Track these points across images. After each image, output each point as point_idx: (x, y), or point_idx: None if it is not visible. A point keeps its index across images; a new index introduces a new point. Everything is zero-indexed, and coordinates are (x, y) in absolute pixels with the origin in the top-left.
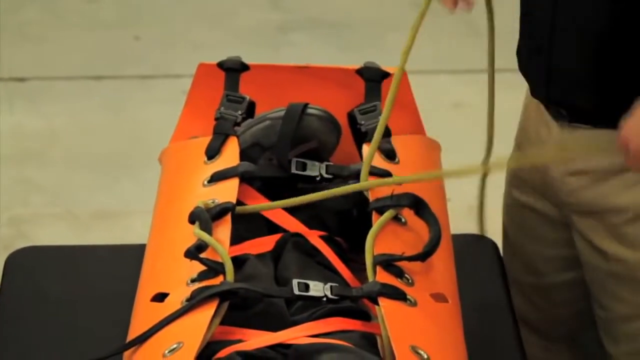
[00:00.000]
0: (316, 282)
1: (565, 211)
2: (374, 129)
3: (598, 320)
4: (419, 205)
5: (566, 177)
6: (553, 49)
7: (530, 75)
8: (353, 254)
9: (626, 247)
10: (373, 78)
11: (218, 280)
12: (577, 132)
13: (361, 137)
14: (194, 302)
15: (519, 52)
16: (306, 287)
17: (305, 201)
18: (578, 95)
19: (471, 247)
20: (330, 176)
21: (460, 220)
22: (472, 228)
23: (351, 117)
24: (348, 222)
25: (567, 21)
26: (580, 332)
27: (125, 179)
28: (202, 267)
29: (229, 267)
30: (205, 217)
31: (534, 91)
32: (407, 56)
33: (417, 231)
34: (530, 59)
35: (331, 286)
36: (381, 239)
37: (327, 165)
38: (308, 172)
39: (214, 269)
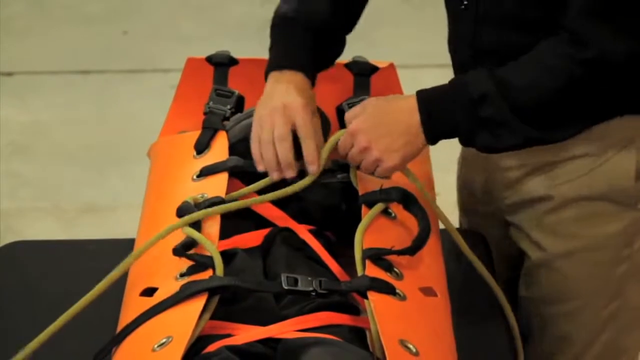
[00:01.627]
0: (305, 277)
1: (503, 206)
2: None
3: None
4: (408, 200)
5: (499, 172)
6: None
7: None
8: (342, 248)
9: (547, 235)
10: (362, 72)
11: (207, 274)
12: None
13: None
14: (182, 296)
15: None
16: (295, 282)
17: (286, 194)
18: None
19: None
20: None
21: (448, 214)
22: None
23: (340, 111)
24: (337, 216)
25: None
26: None
27: (114, 174)
28: (192, 262)
29: (219, 262)
30: (193, 212)
31: (455, 51)
32: None
33: (406, 225)
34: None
35: (320, 280)
36: (370, 232)
37: None
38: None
39: (203, 263)
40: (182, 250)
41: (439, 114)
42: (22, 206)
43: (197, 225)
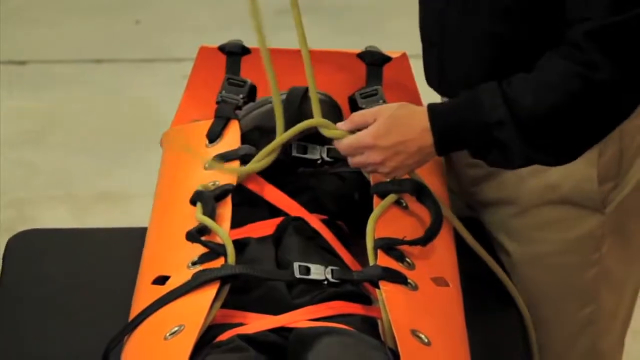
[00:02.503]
0: (317, 266)
1: (471, 201)
2: None
3: None
4: (420, 191)
5: (466, 169)
6: (444, 43)
7: (425, 62)
8: (354, 238)
9: (512, 240)
10: (374, 62)
11: (219, 262)
12: None
13: None
14: (194, 284)
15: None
16: (307, 271)
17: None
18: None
19: (471, 231)
20: (331, 159)
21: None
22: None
23: (352, 101)
24: (349, 205)
25: (455, 23)
26: None
27: (126, 162)
28: (203, 250)
29: (231, 249)
30: (207, 198)
31: (428, 80)
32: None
33: (418, 215)
34: (426, 48)
35: (332, 269)
36: (382, 222)
37: (328, 149)
38: (309, 155)
39: (215, 251)
40: (196, 234)
41: (452, 135)
42: (35, 195)
43: (210, 211)
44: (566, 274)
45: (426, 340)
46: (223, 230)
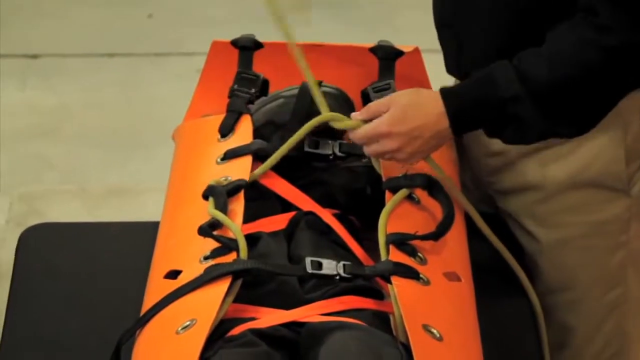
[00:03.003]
0: (329, 261)
1: (489, 191)
2: None
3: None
4: (432, 186)
5: (484, 158)
6: (459, 22)
7: (443, 48)
8: (366, 233)
9: (539, 225)
10: (387, 56)
11: (231, 257)
12: None
13: None
14: (206, 278)
15: (436, 26)
16: (319, 265)
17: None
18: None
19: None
20: (343, 154)
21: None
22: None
23: (365, 95)
24: (361, 200)
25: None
26: None
27: (138, 157)
28: (215, 245)
29: (243, 244)
30: (219, 193)
31: (448, 65)
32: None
33: (430, 210)
34: (442, 32)
35: (344, 264)
36: (394, 217)
37: (340, 144)
38: (321, 150)
39: (227, 245)
40: (208, 229)
41: (467, 116)
42: (47, 189)
43: (222, 205)
44: (594, 256)
45: (438, 335)
46: (235, 225)
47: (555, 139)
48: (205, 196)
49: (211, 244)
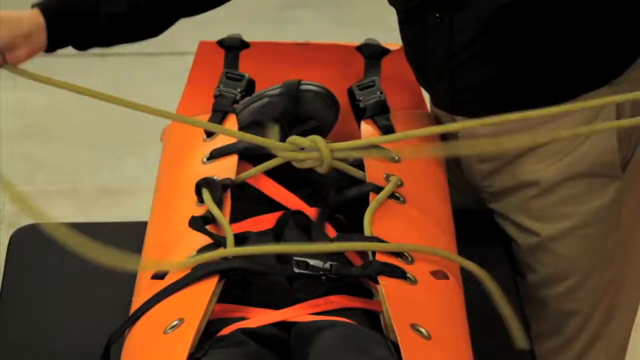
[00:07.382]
0: (316, 260)
1: (482, 194)
2: (373, 104)
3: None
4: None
5: (477, 164)
6: (455, 73)
7: (433, 94)
8: (355, 231)
9: (535, 220)
10: (373, 55)
11: (219, 255)
12: None
13: (360, 113)
14: (193, 277)
15: (417, 77)
16: (306, 265)
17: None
18: (481, 109)
19: (472, 222)
20: None
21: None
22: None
23: (350, 93)
24: (349, 199)
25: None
26: None
27: (129, 156)
28: (203, 243)
29: (231, 242)
30: (215, 187)
31: (438, 104)
32: None
33: (416, 209)
34: (431, 83)
35: (331, 264)
36: (379, 217)
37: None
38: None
39: (216, 242)
40: (200, 221)
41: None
42: (38, 189)
43: (217, 199)
44: (593, 243)
45: (426, 334)
46: (227, 222)
47: (551, 140)
48: (199, 187)
49: (198, 243)
